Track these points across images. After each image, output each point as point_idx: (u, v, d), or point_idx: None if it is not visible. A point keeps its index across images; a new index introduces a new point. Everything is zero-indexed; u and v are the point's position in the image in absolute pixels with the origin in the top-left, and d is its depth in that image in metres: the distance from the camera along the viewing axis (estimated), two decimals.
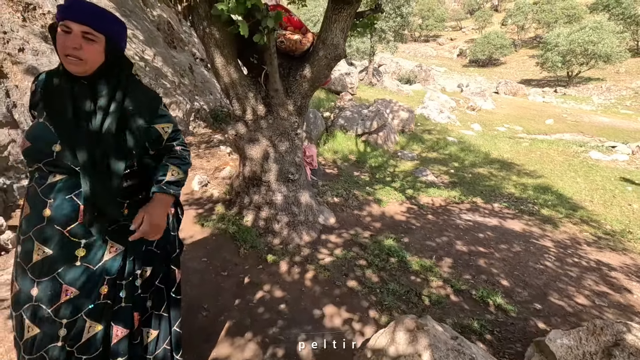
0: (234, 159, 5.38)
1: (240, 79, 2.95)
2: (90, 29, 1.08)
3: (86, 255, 1.17)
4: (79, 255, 1.16)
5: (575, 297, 2.82)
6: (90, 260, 1.18)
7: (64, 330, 1.16)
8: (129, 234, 1.22)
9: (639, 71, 27.82)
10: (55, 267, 1.14)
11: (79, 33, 1.07)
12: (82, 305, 1.17)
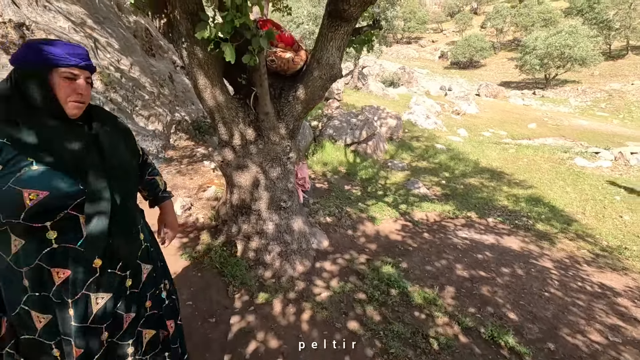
0: (218, 176, 5.06)
1: (226, 101, 2.67)
2: (89, 74, 1.15)
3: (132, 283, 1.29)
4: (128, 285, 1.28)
5: (588, 332, 2.68)
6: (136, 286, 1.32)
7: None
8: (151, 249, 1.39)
9: (612, 74, 28.82)
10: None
11: (84, 79, 1.12)
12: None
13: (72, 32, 4.62)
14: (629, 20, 29.79)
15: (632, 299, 3.29)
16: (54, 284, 1.09)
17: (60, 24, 4.56)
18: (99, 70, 4.72)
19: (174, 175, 4.88)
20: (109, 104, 4.64)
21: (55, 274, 1.09)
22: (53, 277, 1.09)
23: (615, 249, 4.50)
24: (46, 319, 1.12)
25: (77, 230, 1.10)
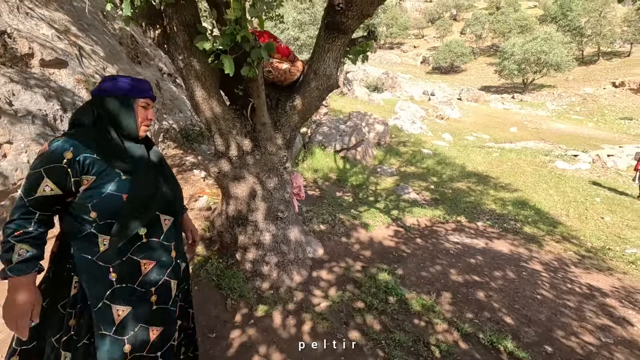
0: (209, 185, 4.99)
1: (223, 112, 2.64)
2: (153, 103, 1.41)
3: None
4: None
5: (581, 334, 2.76)
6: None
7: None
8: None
9: (585, 79, 30.03)
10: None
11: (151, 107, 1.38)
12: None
13: (55, 40, 4.49)
14: (599, 27, 31.16)
15: (619, 299, 3.41)
16: (140, 274, 1.29)
17: (44, 31, 4.43)
18: (85, 79, 4.60)
19: None
20: None
21: (143, 265, 1.29)
22: (141, 268, 1.29)
23: (600, 250, 4.66)
24: (125, 311, 1.26)
25: (159, 226, 1.33)
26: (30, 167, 1.17)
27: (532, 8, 45.21)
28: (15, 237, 1.11)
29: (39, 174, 1.14)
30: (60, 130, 3.96)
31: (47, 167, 1.14)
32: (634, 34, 30.03)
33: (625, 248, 4.72)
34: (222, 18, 2.19)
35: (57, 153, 1.15)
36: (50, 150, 1.17)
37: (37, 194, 1.13)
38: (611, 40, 31.82)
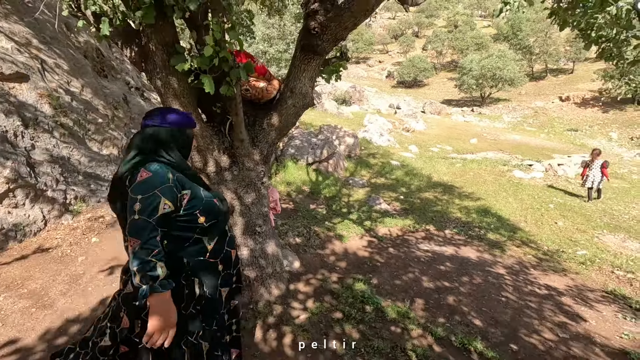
0: None
1: (201, 129, 2.67)
2: None
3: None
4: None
5: (542, 331, 2.98)
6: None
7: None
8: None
9: (536, 93, 32.39)
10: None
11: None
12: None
13: (15, 53, 4.32)
14: (546, 46, 33.90)
15: (573, 297, 3.71)
16: (231, 261, 1.60)
17: (2, 44, 4.24)
18: (47, 93, 4.43)
19: None
20: (59, 128, 4.36)
21: (233, 253, 1.62)
22: (232, 256, 1.61)
23: (555, 253, 5.04)
24: (225, 291, 1.58)
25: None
26: (138, 192, 1.26)
27: (486, 27, 48.43)
28: (155, 255, 1.22)
29: (155, 194, 1.27)
30: (21, 147, 3.79)
31: (160, 188, 1.28)
32: (575, 53, 32.96)
33: (576, 250, 5.14)
34: (202, 39, 2.25)
35: (162, 175, 1.31)
36: (154, 174, 1.29)
37: (158, 212, 1.26)
38: (556, 58, 34.66)
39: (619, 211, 7.39)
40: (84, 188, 4.32)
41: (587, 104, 27.48)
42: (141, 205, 1.24)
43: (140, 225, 1.22)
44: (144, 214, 1.23)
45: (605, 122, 24.46)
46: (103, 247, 3.54)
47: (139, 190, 1.25)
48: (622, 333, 3.07)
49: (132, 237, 1.22)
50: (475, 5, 58.03)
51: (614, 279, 4.30)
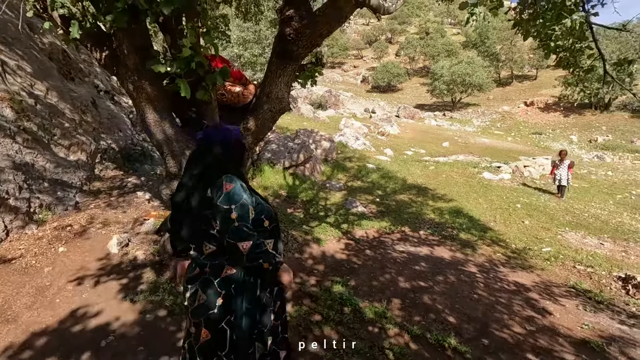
0: (155, 207, 4.79)
1: (176, 134, 2.64)
2: None
3: None
4: None
5: (511, 325, 3.13)
6: None
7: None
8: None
9: (503, 98, 33.85)
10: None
11: None
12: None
13: None
14: (511, 53, 35.55)
15: (539, 292, 3.91)
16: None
17: None
18: (9, 97, 4.22)
19: (103, 210, 4.50)
20: (22, 133, 4.16)
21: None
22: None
23: (522, 251, 5.29)
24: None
25: None
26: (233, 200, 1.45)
27: (456, 35, 50.21)
28: (266, 245, 1.52)
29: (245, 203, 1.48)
30: None
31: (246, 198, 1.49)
32: (538, 61, 34.77)
33: (541, 247, 5.41)
34: (176, 43, 2.24)
35: (242, 187, 1.51)
36: (237, 187, 1.49)
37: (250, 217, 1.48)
38: (521, 65, 36.42)
39: (579, 210, 7.84)
40: (50, 196, 4.13)
41: (549, 108, 29.02)
42: (240, 213, 1.44)
43: (245, 227, 1.46)
44: (246, 219, 1.46)
45: (566, 126, 25.90)
46: (71, 257, 3.40)
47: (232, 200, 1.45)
48: (583, 324, 3.27)
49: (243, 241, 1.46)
50: (445, 14, 60.07)
51: (575, 274, 4.56)
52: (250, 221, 1.46)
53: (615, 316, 3.47)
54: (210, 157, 1.56)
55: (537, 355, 2.71)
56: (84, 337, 2.47)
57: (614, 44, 29.78)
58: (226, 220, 1.41)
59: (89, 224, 4.07)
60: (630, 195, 9.62)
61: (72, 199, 4.41)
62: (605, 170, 13.53)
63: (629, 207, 8.45)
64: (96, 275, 3.18)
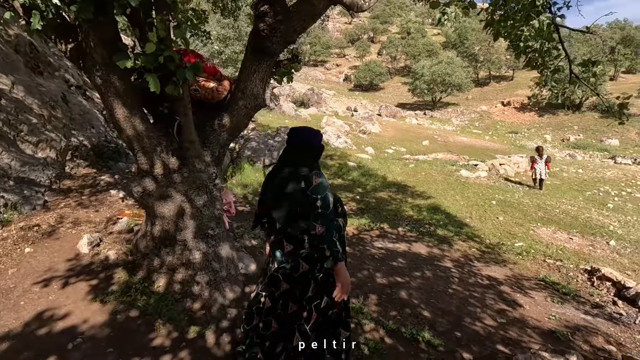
0: (129, 205, 4.67)
1: (147, 130, 2.57)
2: None
3: None
4: None
5: (483, 318, 3.22)
6: None
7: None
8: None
9: (481, 98, 34.72)
10: None
11: None
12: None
13: None
14: (489, 54, 36.49)
15: (511, 285, 4.04)
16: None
17: None
18: None
19: (74, 209, 4.34)
20: None
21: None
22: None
23: (496, 246, 5.45)
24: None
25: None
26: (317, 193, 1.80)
27: (436, 35, 51.06)
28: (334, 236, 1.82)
29: (328, 195, 1.83)
30: None
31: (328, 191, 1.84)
32: (514, 62, 35.83)
33: (514, 242, 5.59)
34: (145, 37, 2.17)
35: (326, 182, 1.87)
36: (323, 182, 1.84)
37: (330, 206, 1.83)
38: (498, 66, 37.44)
39: (551, 206, 8.14)
40: (16, 195, 3.95)
41: (525, 108, 29.95)
42: (325, 203, 1.79)
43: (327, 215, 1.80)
44: (328, 208, 1.80)
45: (541, 125, 26.81)
46: (38, 258, 3.27)
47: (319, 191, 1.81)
48: (551, 315, 3.40)
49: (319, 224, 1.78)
50: (425, 14, 60.95)
51: (545, 267, 4.74)
52: (329, 209, 1.81)
53: (580, 307, 3.63)
54: (303, 157, 1.97)
55: (506, 346, 2.81)
56: (50, 340, 2.39)
57: (585, 47, 30.94)
58: (313, 207, 1.79)
59: (59, 223, 3.92)
60: (599, 192, 10.07)
61: (41, 198, 4.25)
62: (576, 168, 14.08)
63: (597, 203, 8.84)
64: (64, 277, 3.07)
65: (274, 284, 1.99)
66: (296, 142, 2.02)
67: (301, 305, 1.96)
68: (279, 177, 1.98)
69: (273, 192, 1.99)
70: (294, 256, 1.94)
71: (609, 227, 6.96)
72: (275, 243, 2.03)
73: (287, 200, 1.90)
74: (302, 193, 1.85)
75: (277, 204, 1.95)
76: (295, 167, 1.92)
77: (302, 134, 2.04)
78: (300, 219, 1.86)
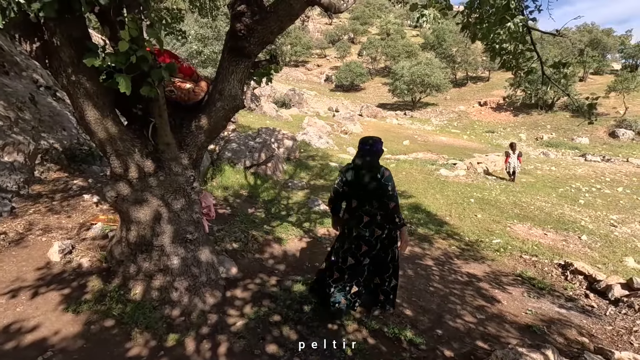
0: (104, 210, 4.51)
1: (120, 132, 2.49)
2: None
3: None
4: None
5: (463, 315, 3.28)
6: None
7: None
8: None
9: (459, 98, 35.50)
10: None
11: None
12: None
13: None
14: (466, 56, 37.38)
15: (489, 282, 4.13)
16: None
17: None
18: None
19: (44, 215, 4.16)
20: None
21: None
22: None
23: (475, 243, 5.57)
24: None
25: None
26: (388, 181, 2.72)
27: (415, 37, 51.90)
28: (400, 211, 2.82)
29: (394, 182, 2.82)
30: None
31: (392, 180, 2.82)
32: (490, 63, 36.87)
33: (492, 239, 5.73)
34: (116, 36, 2.10)
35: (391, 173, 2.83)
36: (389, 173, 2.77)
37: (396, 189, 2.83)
38: (475, 67, 38.41)
39: (526, 203, 8.40)
40: None
41: (501, 108, 30.83)
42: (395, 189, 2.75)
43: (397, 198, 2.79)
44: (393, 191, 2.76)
45: (516, 125, 27.65)
46: (5, 268, 3.11)
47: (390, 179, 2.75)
48: (527, 309, 3.49)
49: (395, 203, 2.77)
50: (404, 16, 61.84)
51: (522, 263, 4.87)
52: (395, 191, 2.79)
53: (555, 300, 3.75)
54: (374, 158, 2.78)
55: (485, 342, 2.86)
56: (17, 354, 2.27)
57: (556, 49, 32.15)
58: (385, 191, 2.72)
59: (27, 230, 3.74)
60: (571, 188, 10.46)
61: (7, 204, 4.04)
62: (549, 165, 14.59)
63: (569, 199, 9.19)
64: (34, 287, 2.93)
65: (357, 247, 2.88)
66: (368, 148, 2.77)
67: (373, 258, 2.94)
68: (360, 172, 2.79)
69: (357, 183, 2.80)
70: (370, 225, 2.82)
71: (580, 223, 7.24)
72: (354, 219, 2.87)
73: (368, 187, 2.76)
74: (378, 182, 2.71)
75: (361, 191, 2.80)
76: (370, 165, 2.76)
77: (372, 140, 2.81)
78: (375, 199, 2.75)
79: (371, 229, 2.81)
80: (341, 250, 2.93)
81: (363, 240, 2.83)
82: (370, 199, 2.75)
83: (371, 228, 2.81)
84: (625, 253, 5.79)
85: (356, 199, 2.82)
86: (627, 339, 2.95)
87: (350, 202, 2.89)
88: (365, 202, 2.77)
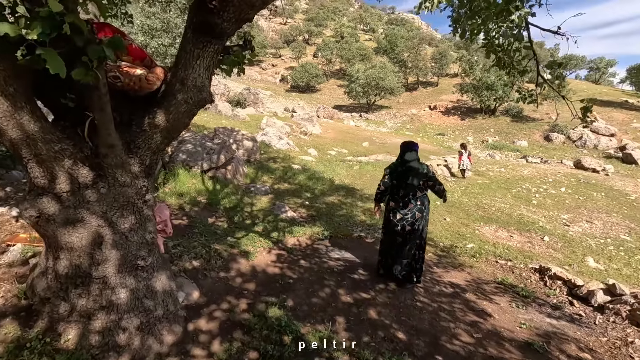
0: (25, 227, 3.66)
1: (42, 131, 1.84)
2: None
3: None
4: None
5: (459, 335, 3.00)
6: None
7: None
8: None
9: (411, 102, 36.74)
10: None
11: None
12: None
13: None
14: (416, 61, 38.84)
15: (474, 292, 3.95)
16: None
17: None
18: None
19: None
20: None
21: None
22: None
23: (450, 248, 5.44)
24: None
25: None
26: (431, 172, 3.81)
27: (368, 40, 53.04)
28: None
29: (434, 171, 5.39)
30: None
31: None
32: (439, 69, 38.70)
33: (465, 244, 5.65)
34: None
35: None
36: (428, 165, 4.98)
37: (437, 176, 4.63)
38: (425, 72, 40.04)
39: (487, 204, 8.59)
40: None
41: (449, 112, 32.36)
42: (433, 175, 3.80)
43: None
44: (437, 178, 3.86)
45: (463, 128, 29.14)
46: None
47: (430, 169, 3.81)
48: (520, 323, 3.32)
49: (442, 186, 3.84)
50: (357, 20, 63.04)
51: (499, 269, 4.79)
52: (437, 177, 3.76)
53: (542, 310, 3.64)
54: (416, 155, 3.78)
55: None
56: None
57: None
58: (433, 178, 3.74)
59: None
60: (522, 189, 10.98)
61: None
62: (499, 167, 15.35)
63: (523, 199, 9.59)
64: None
65: (402, 229, 3.73)
66: (411, 148, 3.80)
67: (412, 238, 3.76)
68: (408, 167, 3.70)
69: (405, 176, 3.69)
70: (413, 210, 3.71)
71: (538, 223, 7.50)
72: (399, 206, 3.75)
73: (417, 178, 3.67)
74: (425, 174, 3.69)
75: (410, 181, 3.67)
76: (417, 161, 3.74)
77: (412, 143, 3.87)
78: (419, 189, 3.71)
79: (413, 214, 3.69)
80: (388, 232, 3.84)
81: (407, 222, 3.70)
82: (414, 189, 3.67)
83: (413, 212, 3.69)
84: (584, 253, 6.02)
85: (403, 189, 3.69)
86: (625, 352, 2.86)
87: (398, 192, 3.74)
88: (409, 191, 3.67)
